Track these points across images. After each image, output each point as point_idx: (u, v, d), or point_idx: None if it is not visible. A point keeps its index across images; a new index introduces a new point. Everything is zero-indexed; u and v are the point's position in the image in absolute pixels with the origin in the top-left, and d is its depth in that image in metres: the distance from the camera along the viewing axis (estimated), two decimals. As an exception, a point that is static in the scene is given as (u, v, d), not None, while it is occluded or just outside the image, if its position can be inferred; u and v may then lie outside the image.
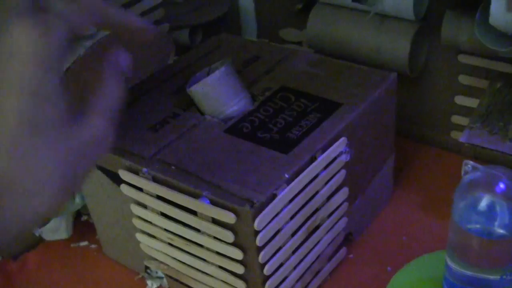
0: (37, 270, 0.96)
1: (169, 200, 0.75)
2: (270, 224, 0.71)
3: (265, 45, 1.02)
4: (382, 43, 1.00)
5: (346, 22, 1.03)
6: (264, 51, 0.98)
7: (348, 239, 0.90)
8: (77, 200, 0.95)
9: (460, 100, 1.02)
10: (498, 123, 0.88)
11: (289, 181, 0.73)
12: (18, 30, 0.44)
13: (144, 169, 0.76)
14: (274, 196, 0.71)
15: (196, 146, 0.79)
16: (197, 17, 1.12)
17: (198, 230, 0.75)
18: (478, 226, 0.66)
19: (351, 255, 0.91)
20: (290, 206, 0.74)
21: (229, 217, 0.70)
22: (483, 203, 0.65)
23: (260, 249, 0.72)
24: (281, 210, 0.73)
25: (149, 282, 0.90)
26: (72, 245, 0.99)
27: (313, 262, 0.83)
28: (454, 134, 1.06)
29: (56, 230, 0.94)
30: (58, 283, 0.94)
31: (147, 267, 0.90)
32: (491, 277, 0.68)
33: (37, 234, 0.94)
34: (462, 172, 0.67)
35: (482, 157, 1.03)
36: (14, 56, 0.44)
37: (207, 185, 0.73)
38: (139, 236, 0.85)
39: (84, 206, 0.96)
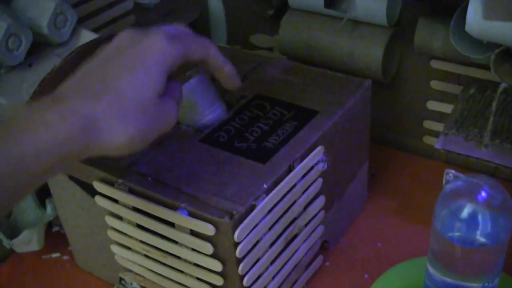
0: (9, 282, 0.94)
1: (145, 211, 0.74)
2: (250, 236, 0.71)
3: (238, 52, 1.02)
4: (355, 49, 1.00)
5: (319, 28, 1.02)
6: (237, 58, 0.97)
7: (324, 247, 0.90)
8: (49, 211, 0.94)
9: (432, 105, 1.03)
10: (473, 129, 0.88)
11: (268, 192, 0.72)
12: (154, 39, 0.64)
13: (120, 180, 0.75)
14: (253, 207, 0.70)
15: (172, 157, 0.78)
16: (168, 23, 1.11)
17: (175, 242, 0.74)
18: (459, 234, 0.66)
19: (327, 263, 0.91)
20: (269, 216, 0.73)
21: (208, 229, 0.69)
22: (465, 212, 0.65)
23: (239, 260, 0.71)
24: (260, 221, 0.72)
25: (123, 294, 0.89)
26: (43, 256, 0.97)
27: (290, 272, 0.82)
28: (427, 139, 1.06)
29: (28, 242, 0.92)
30: (31, 296, 0.93)
31: (121, 279, 0.89)
32: (473, 284, 0.68)
33: (8, 247, 0.92)
34: (444, 181, 0.67)
35: (454, 162, 1.04)
36: (148, 52, 0.63)
37: (185, 197, 0.72)
38: (114, 248, 0.84)
39: (55, 217, 0.94)
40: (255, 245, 0.73)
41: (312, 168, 0.79)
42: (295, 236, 0.81)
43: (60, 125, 0.57)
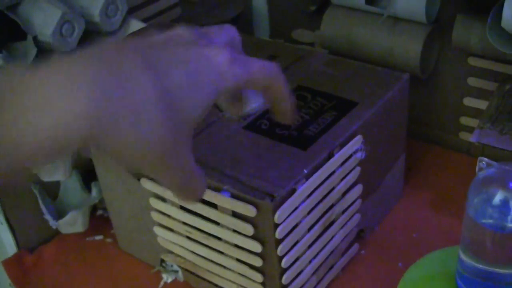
0: (53, 262, 0.98)
1: (189, 193, 0.77)
2: (289, 218, 0.73)
3: (281, 45, 1.04)
4: (395, 45, 1.02)
5: (360, 24, 1.05)
6: (280, 51, 1.00)
7: (360, 236, 0.92)
8: (94, 194, 0.97)
9: (469, 101, 1.04)
10: (508, 123, 0.90)
11: (308, 177, 0.75)
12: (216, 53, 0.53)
13: (166, 163, 0.78)
14: (293, 191, 0.73)
15: (216, 142, 0.81)
16: (213, 17, 1.13)
17: (217, 223, 0.77)
18: (491, 221, 0.68)
19: (362, 251, 0.93)
20: (308, 201, 0.76)
21: (250, 211, 0.72)
22: (497, 199, 0.67)
23: (279, 242, 0.74)
24: (300, 204, 0.75)
25: (164, 276, 0.92)
26: (87, 238, 1.00)
27: (327, 257, 0.85)
28: (463, 135, 1.08)
29: (73, 223, 0.95)
30: (74, 276, 0.96)
31: (162, 261, 0.92)
32: (505, 271, 0.70)
33: (54, 227, 0.96)
34: (477, 169, 0.69)
35: (489, 157, 1.05)
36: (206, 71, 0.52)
37: (228, 179, 0.74)
38: (157, 230, 0.87)
39: (99, 201, 0.98)
40: (294, 228, 0.75)
41: (350, 156, 0.82)
42: (332, 223, 0.83)
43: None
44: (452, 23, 0.97)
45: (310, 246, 0.80)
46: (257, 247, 0.75)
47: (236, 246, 0.78)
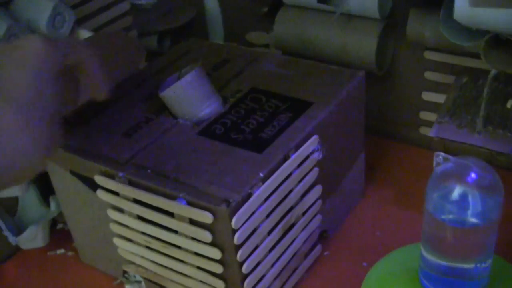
0: (15, 279, 0.96)
1: (146, 203, 0.76)
2: (247, 223, 0.72)
3: (234, 48, 1.03)
4: (349, 42, 1.01)
5: (313, 23, 1.04)
6: (233, 54, 0.99)
7: (323, 237, 0.92)
8: (53, 208, 0.96)
9: (427, 96, 1.04)
10: (466, 116, 0.90)
11: (264, 180, 0.74)
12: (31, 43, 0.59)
13: (121, 173, 0.77)
14: (250, 195, 0.72)
15: (170, 149, 0.80)
16: (166, 23, 1.12)
17: (175, 232, 0.76)
18: (451, 216, 0.67)
19: (326, 252, 0.92)
20: (265, 204, 0.75)
21: (206, 217, 0.70)
22: (456, 193, 0.66)
23: (238, 247, 0.73)
24: (257, 208, 0.74)
25: (127, 287, 0.91)
26: (48, 253, 0.99)
27: (289, 260, 0.84)
28: (423, 130, 1.08)
29: (33, 238, 0.94)
30: (37, 292, 0.94)
31: (125, 272, 0.90)
32: (466, 266, 0.70)
33: (13, 243, 0.94)
34: (434, 164, 0.69)
35: (451, 151, 1.05)
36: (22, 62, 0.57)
37: (184, 187, 0.73)
38: (116, 241, 0.85)
39: (59, 214, 0.96)
40: (252, 232, 0.74)
41: (307, 157, 0.81)
42: (292, 225, 0.82)
43: None
44: (406, 17, 0.97)
45: (271, 250, 0.79)
46: (216, 253, 0.74)
47: (196, 253, 0.77)
